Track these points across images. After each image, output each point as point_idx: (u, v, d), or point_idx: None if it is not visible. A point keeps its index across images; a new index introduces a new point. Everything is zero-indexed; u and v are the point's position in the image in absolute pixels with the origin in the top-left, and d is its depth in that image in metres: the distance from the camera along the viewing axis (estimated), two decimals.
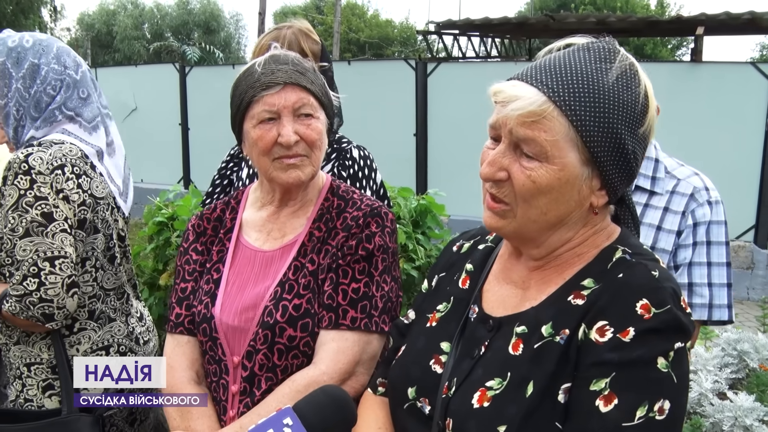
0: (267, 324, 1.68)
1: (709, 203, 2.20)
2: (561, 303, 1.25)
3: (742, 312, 7.74)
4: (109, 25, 36.82)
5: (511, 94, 1.20)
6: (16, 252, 1.89)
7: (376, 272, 1.73)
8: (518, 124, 1.19)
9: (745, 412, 3.41)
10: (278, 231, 1.83)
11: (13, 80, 2.05)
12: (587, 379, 1.15)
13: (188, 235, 1.92)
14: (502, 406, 1.19)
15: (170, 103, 12.56)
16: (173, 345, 1.81)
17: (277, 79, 1.71)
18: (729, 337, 4.38)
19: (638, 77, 1.22)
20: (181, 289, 1.85)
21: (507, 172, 1.23)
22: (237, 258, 1.83)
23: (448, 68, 10.36)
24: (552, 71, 1.21)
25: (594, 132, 1.18)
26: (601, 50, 1.23)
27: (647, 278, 1.18)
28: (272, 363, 1.68)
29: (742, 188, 8.28)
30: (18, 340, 2.06)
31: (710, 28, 12.09)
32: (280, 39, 2.38)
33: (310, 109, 1.74)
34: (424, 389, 1.35)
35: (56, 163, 1.95)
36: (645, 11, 31.65)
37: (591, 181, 1.23)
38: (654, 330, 1.13)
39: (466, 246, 1.55)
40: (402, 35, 39.94)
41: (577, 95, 1.18)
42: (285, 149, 1.71)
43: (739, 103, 8.31)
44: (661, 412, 1.11)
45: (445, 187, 4.54)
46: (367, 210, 1.78)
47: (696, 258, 2.19)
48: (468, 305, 1.40)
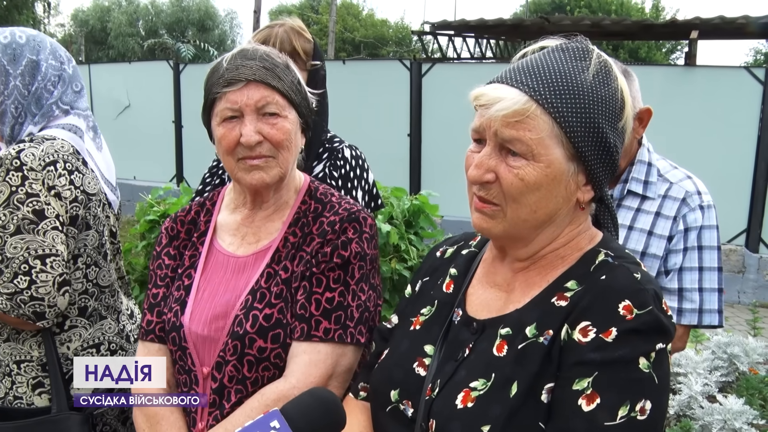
0: (237, 334, 1.61)
1: (701, 207, 2.20)
2: (545, 305, 1.26)
3: (733, 315, 7.77)
4: (104, 21, 36.67)
5: (493, 96, 1.22)
6: (6, 249, 1.88)
7: (353, 281, 1.65)
8: (503, 125, 1.21)
9: (735, 416, 3.43)
10: (253, 235, 1.75)
11: (11, 78, 2.02)
12: (570, 379, 1.16)
13: (161, 239, 1.85)
14: (486, 406, 1.20)
15: (164, 101, 12.53)
16: (144, 353, 1.76)
17: (240, 75, 1.62)
18: (719, 340, 4.40)
19: (613, 74, 1.26)
20: (153, 295, 1.79)
21: (494, 173, 1.24)
22: (209, 263, 1.76)
23: (442, 69, 10.38)
24: (531, 72, 1.23)
25: (577, 127, 1.21)
26: (576, 50, 1.27)
27: (629, 280, 1.20)
28: (242, 375, 1.62)
29: (734, 192, 8.32)
30: (8, 337, 2.04)
31: (704, 32, 12.12)
32: (272, 37, 2.34)
33: (276, 108, 1.64)
34: (407, 392, 1.34)
35: (48, 159, 1.94)
36: (640, 14, 31.75)
37: (577, 176, 1.26)
38: (636, 330, 1.14)
39: (450, 251, 1.55)
40: (397, 35, 39.94)
41: (558, 93, 1.21)
42: (248, 150, 1.63)
43: (733, 107, 8.35)
44: (642, 412, 1.12)
45: (439, 187, 4.55)
46: (345, 215, 1.69)
47: (687, 263, 2.20)
48: (452, 309, 1.40)
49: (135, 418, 1.73)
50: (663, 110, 8.20)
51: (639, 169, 2.25)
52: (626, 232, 2.24)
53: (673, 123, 8.27)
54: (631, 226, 2.24)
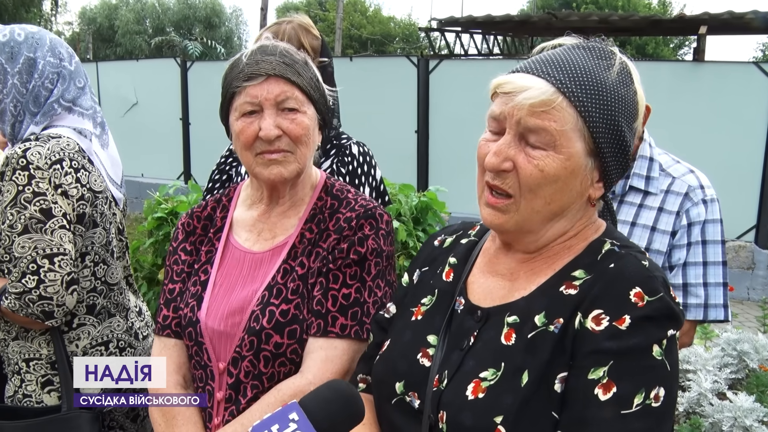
0: (253, 330, 1.62)
1: (704, 202, 2.18)
2: (552, 293, 1.26)
3: (743, 312, 7.73)
4: (111, 19, 36.75)
5: (520, 84, 1.22)
6: (14, 249, 1.88)
7: (369, 277, 1.66)
8: (529, 113, 1.21)
9: (745, 413, 3.41)
10: (269, 231, 1.76)
11: (9, 76, 2.02)
12: (585, 368, 1.16)
13: (177, 234, 1.86)
14: (498, 396, 1.19)
15: (171, 98, 12.55)
16: (160, 348, 1.77)
17: (260, 70, 1.63)
18: (729, 337, 4.38)
19: (632, 76, 1.29)
20: (169, 291, 1.80)
21: (512, 162, 1.24)
22: (226, 259, 1.77)
23: (450, 65, 10.35)
24: (557, 64, 1.24)
25: (600, 123, 1.22)
26: (599, 50, 1.28)
27: (638, 268, 1.20)
28: (258, 370, 1.63)
29: (743, 188, 8.28)
30: (17, 336, 2.05)
31: (713, 27, 12.06)
32: (279, 34, 2.36)
33: (295, 103, 1.66)
34: (412, 383, 1.34)
35: (54, 158, 1.94)
36: (647, 10, 31.62)
37: (592, 172, 1.27)
38: (648, 317, 1.15)
39: (449, 240, 1.54)
40: (404, 32, 39.89)
41: (584, 87, 1.22)
42: (266, 144, 1.64)
43: (742, 103, 8.30)
44: (656, 399, 1.13)
45: (446, 184, 4.54)
46: (361, 211, 1.70)
47: (691, 258, 2.18)
48: (453, 297, 1.40)
49: (151, 413, 1.74)
50: (671, 106, 8.18)
51: (641, 165, 2.23)
52: (629, 228, 2.22)
53: (682, 119, 8.23)
54: (634, 222, 2.22)
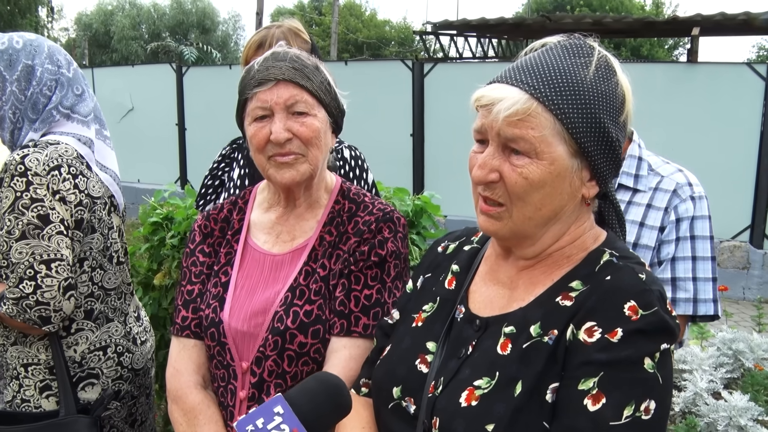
0: (277, 330, 1.66)
1: (692, 198, 2.20)
2: (549, 304, 1.26)
3: (738, 312, 7.75)
4: (107, 25, 36.67)
5: (494, 96, 1.23)
6: (11, 254, 1.89)
7: (389, 278, 1.72)
8: (506, 124, 1.21)
9: (740, 412, 3.42)
10: (287, 234, 1.81)
11: (8, 83, 2.03)
12: (576, 379, 1.16)
13: (194, 236, 1.88)
14: (491, 404, 1.20)
15: (167, 103, 12.54)
16: (179, 348, 1.79)
17: (270, 75, 1.69)
18: (724, 336, 4.38)
19: (613, 69, 1.27)
20: (188, 292, 1.82)
21: (498, 173, 1.25)
22: (246, 261, 1.81)
23: (445, 69, 10.36)
24: (531, 70, 1.24)
25: (579, 123, 1.22)
26: (576, 47, 1.27)
27: (635, 281, 1.20)
28: (282, 369, 1.68)
29: (737, 188, 8.31)
30: (15, 341, 2.06)
31: (706, 28, 12.09)
32: (268, 38, 2.37)
33: (305, 107, 1.70)
34: (409, 389, 1.35)
35: (53, 164, 1.95)
36: (641, 11, 31.70)
37: (581, 172, 1.26)
38: (641, 331, 1.15)
39: (452, 247, 1.56)
40: (399, 35, 39.90)
41: (558, 90, 1.21)
42: (278, 147, 1.69)
43: (735, 104, 8.32)
44: (647, 411, 1.13)
45: (442, 187, 4.56)
46: (380, 215, 1.75)
47: (679, 253, 2.19)
48: (454, 306, 1.41)
49: (171, 413, 1.75)
50: (665, 107, 8.21)
51: (629, 164, 2.26)
52: None
53: (676, 120, 8.26)
54: None
